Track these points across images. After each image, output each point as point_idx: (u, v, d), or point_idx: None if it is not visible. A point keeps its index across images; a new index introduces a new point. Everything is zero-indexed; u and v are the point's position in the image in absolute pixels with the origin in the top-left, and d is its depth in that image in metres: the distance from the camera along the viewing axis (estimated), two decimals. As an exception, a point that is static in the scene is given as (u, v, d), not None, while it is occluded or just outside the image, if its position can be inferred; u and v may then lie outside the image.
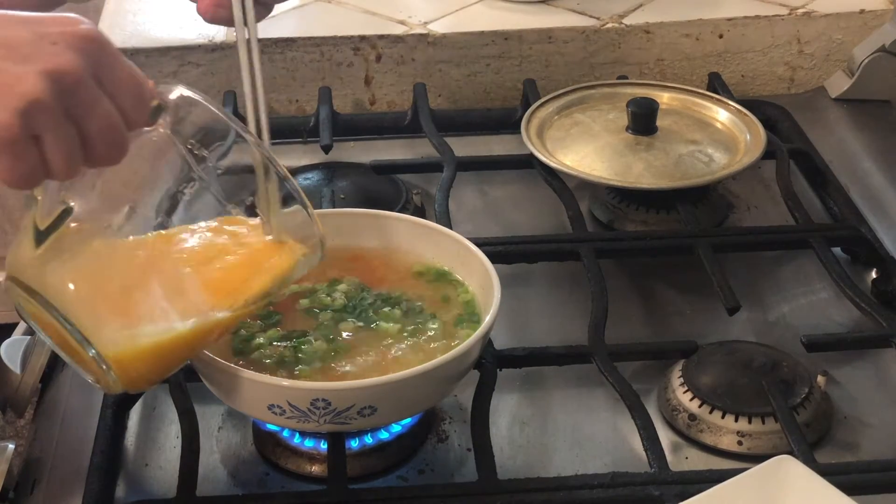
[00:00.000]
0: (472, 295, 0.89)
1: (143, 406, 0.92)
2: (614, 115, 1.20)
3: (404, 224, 0.94)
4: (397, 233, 0.93)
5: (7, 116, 0.64)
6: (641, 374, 0.94)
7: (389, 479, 0.86)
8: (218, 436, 0.90)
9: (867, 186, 1.17)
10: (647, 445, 0.84)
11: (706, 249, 1.03)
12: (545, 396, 0.94)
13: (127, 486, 0.86)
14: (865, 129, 1.27)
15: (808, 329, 0.98)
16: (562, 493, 0.80)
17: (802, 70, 1.37)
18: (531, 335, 0.99)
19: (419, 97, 1.28)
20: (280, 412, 0.79)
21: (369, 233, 0.94)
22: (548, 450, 0.89)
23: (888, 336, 0.94)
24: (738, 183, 1.19)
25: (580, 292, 1.01)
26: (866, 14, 1.34)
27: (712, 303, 0.99)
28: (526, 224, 1.15)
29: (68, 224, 0.72)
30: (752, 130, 1.17)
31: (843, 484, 0.73)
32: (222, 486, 0.85)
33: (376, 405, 0.78)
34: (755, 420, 0.88)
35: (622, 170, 1.12)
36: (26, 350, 0.99)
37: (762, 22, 1.34)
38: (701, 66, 1.36)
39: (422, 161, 1.23)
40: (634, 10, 1.37)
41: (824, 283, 1.04)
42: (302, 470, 0.86)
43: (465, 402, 0.90)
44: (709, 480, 0.77)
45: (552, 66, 1.34)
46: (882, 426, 0.90)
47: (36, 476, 0.87)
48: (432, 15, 1.36)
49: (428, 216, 1.09)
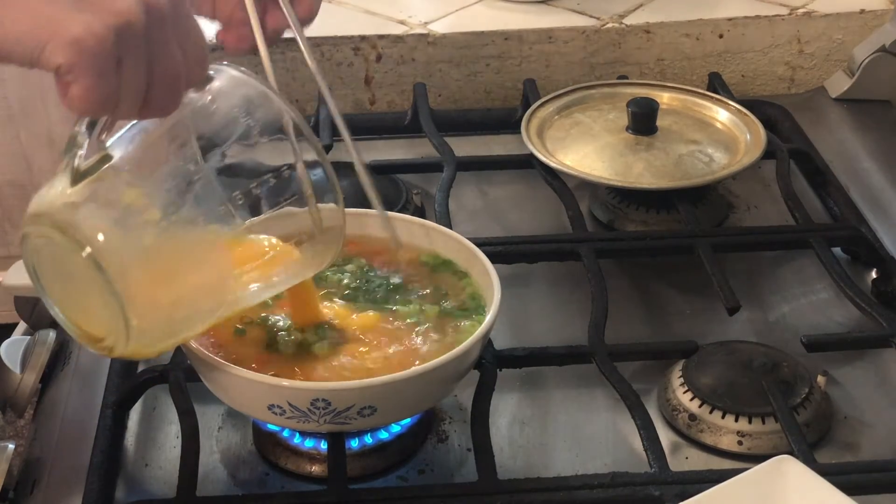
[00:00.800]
0: (476, 286, 0.89)
1: (143, 406, 0.92)
2: (614, 115, 1.20)
3: (404, 224, 0.94)
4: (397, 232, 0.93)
5: (103, 30, 0.63)
6: (641, 374, 0.94)
7: (389, 479, 0.86)
8: (218, 436, 0.90)
9: (867, 186, 1.17)
10: (647, 445, 0.84)
11: (706, 249, 1.03)
12: (545, 396, 0.94)
13: (127, 486, 0.86)
14: (865, 129, 1.27)
15: (808, 329, 0.98)
16: (562, 493, 0.80)
17: (802, 70, 1.37)
18: (531, 335, 0.99)
19: (419, 97, 1.28)
20: (280, 412, 0.79)
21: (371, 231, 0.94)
22: (548, 450, 0.89)
23: (888, 336, 0.94)
24: (738, 183, 1.19)
25: (580, 292, 1.01)
26: (866, 14, 1.34)
27: (712, 303, 0.99)
28: (526, 224, 1.15)
29: (105, 172, 0.71)
30: (752, 130, 1.17)
31: (843, 484, 0.73)
32: (222, 486, 0.85)
33: (376, 405, 0.78)
34: (755, 420, 0.87)
35: (622, 170, 1.12)
36: (26, 350, 0.99)
37: (762, 22, 1.34)
38: (701, 66, 1.36)
39: (422, 161, 1.23)
40: (634, 10, 1.37)
41: (824, 283, 1.04)
42: (302, 470, 0.86)
43: (465, 402, 0.90)
44: (709, 480, 0.77)
45: (552, 66, 1.34)
46: (882, 426, 0.90)
47: (36, 476, 0.87)
48: (432, 15, 1.36)
49: (428, 216, 1.09)
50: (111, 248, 0.70)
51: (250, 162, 0.76)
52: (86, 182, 0.70)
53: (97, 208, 0.70)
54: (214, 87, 0.75)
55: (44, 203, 0.71)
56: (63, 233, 0.70)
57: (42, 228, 0.71)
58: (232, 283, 0.77)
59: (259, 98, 0.76)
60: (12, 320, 1.07)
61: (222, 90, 0.75)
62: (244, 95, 0.76)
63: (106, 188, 0.71)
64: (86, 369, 0.96)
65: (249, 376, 0.78)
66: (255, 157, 0.76)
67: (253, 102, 0.76)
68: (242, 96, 0.76)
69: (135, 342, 0.73)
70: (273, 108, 0.76)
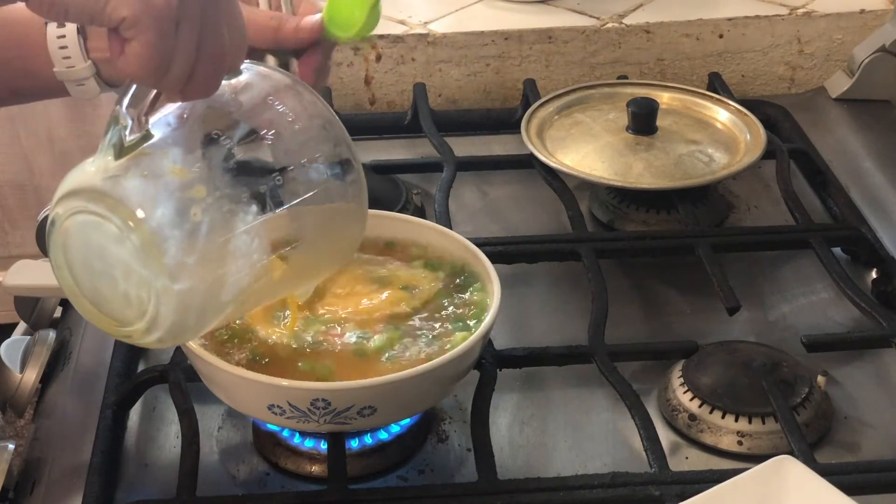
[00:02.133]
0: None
1: (143, 406, 0.92)
2: (614, 115, 1.20)
3: (403, 223, 0.94)
4: (397, 232, 0.94)
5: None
6: (641, 374, 0.94)
7: (389, 479, 0.86)
8: (218, 436, 0.90)
9: (867, 186, 1.17)
10: (647, 445, 0.84)
11: (706, 249, 1.03)
12: (545, 396, 0.94)
13: (127, 486, 0.86)
14: (865, 129, 1.27)
15: (808, 329, 0.98)
16: (562, 493, 0.80)
17: (802, 70, 1.37)
18: (531, 335, 0.99)
19: (419, 97, 1.28)
20: (280, 412, 0.79)
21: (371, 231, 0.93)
22: (548, 450, 0.89)
23: (888, 336, 0.94)
24: (738, 183, 1.19)
25: (580, 292, 1.01)
26: (866, 14, 1.35)
27: (712, 303, 0.99)
28: (526, 224, 1.15)
29: (149, 148, 0.70)
30: (752, 130, 1.17)
31: (843, 484, 0.73)
32: (222, 486, 0.85)
33: (376, 405, 0.78)
34: (755, 420, 0.87)
35: (622, 170, 1.12)
36: (26, 350, 0.99)
37: (762, 22, 1.34)
38: (701, 66, 1.36)
39: (422, 161, 1.23)
40: (634, 10, 1.37)
41: (824, 283, 1.04)
42: (302, 470, 0.86)
43: (465, 402, 0.90)
44: (709, 480, 0.77)
45: (552, 66, 1.35)
46: (882, 426, 0.90)
47: (36, 476, 0.87)
48: (432, 15, 1.36)
49: (428, 216, 1.09)
50: (160, 222, 0.68)
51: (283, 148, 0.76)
52: (129, 157, 0.69)
53: (144, 181, 0.69)
54: (243, 79, 0.76)
55: (82, 179, 0.69)
56: (108, 205, 0.68)
57: (81, 203, 0.69)
58: (272, 264, 0.75)
59: (287, 89, 0.77)
60: (12, 320, 1.07)
61: (251, 81, 0.76)
62: (273, 85, 0.77)
63: (151, 163, 0.70)
64: (86, 369, 0.96)
65: (249, 376, 0.78)
66: (289, 145, 0.76)
67: (282, 92, 0.76)
68: (272, 86, 0.77)
69: (172, 316, 0.70)
70: (303, 98, 0.77)
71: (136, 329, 0.71)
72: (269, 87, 0.76)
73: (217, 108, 0.74)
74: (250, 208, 0.72)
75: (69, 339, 1.00)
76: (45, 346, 0.99)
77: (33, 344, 0.99)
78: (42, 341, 0.99)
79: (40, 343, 0.99)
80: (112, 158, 0.69)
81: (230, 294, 0.72)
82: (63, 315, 1.06)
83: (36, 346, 0.99)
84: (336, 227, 0.79)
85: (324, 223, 0.78)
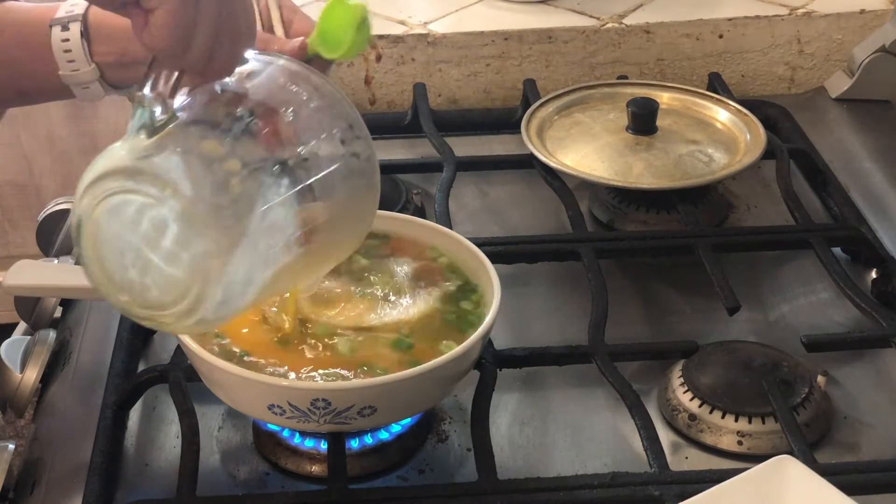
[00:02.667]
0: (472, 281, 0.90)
1: (143, 406, 0.92)
2: (614, 115, 1.20)
3: (403, 223, 0.94)
4: (397, 231, 0.94)
5: None
6: (641, 374, 0.94)
7: (389, 479, 0.86)
8: (218, 436, 0.90)
9: (867, 186, 1.17)
10: (647, 445, 0.84)
11: (706, 249, 1.03)
12: (545, 396, 0.94)
13: (127, 486, 0.86)
14: (865, 129, 1.27)
15: (808, 329, 0.98)
16: (562, 493, 0.80)
17: (802, 70, 1.37)
18: (531, 335, 0.99)
19: (419, 97, 1.28)
20: (280, 412, 0.79)
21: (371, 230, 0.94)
22: (548, 450, 0.89)
23: (888, 336, 0.94)
24: (738, 183, 1.19)
25: (580, 292, 1.01)
26: (866, 14, 1.35)
27: (712, 303, 0.99)
28: (526, 224, 1.15)
29: (178, 127, 0.71)
30: (752, 130, 1.17)
31: (843, 484, 0.73)
32: (222, 486, 0.85)
33: (376, 405, 0.78)
34: (755, 420, 0.87)
35: (622, 170, 1.12)
36: (26, 350, 0.99)
37: (762, 22, 1.34)
38: (701, 66, 1.36)
39: (422, 161, 1.23)
40: (634, 10, 1.37)
41: (824, 283, 1.04)
42: (302, 470, 0.86)
43: (465, 402, 0.90)
44: (709, 480, 0.77)
45: (552, 66, 1.35)
46: (882, 426, 0.90)
47: (36, 476, 0.87)
48: (432, 15, 1.36)
49: (428, 216, 1.09)
50: (201, 194, 0.68)
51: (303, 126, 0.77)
52: (159, 137, 0.69)
53: (180, 157, 0.69)
54: (252, 66, 0.77)
55: (115, 161, 0.69)
56: (148, 180, 0.68)
57: (116, 184, 0.68)
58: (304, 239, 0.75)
59: (296, 72, 0.78)
60: (12, 320, 1.07)
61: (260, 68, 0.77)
62: (282, 69, 0.78)
63: (184, 140, 0.70)
64: (86, 369, 0.96)
65: (249, 376, 0.78)
66: (308, 122, 0.77)
67: (293, 74, 0.78)
68: (281, 70, 0.78)
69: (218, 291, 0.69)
70: (312, 79, 0.78)
71: (176, 311, 0.70)
72: (279, 71, 0.78)
73: (235, 89, 0.75)
74: (282, 181, 0.73)
75: (69, 339, 1.00)
76: (45, 346, 0.99)
77: (33, 344, 0.99)
78: (42, 341, 0.99)
79: (40, 343, 0.99)
80: (144, 138, 0.69)
81: (270, 269, 0.72)
82: (63, 315, 1.06)
83: (36, 346, 0.99)
84: (354, 204, 0.80)
85: (344, 199, 0.79)
